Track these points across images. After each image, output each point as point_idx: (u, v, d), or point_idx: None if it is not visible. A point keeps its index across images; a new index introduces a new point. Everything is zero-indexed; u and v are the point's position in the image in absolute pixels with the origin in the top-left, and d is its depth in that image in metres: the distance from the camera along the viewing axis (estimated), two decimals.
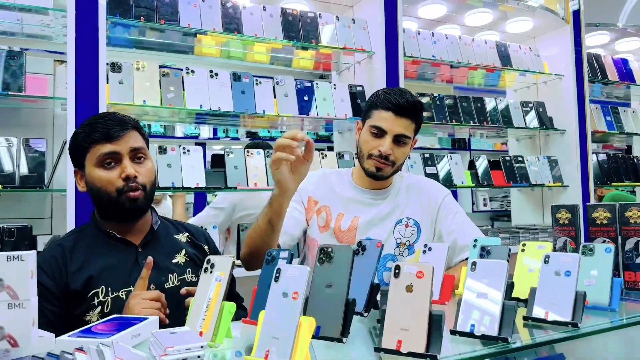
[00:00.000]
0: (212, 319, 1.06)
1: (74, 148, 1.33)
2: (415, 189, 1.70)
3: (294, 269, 0.96)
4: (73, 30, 1.81)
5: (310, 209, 1.68)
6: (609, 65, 3.44)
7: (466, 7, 2.90)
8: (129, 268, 1.31)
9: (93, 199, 1.32)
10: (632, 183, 3.44)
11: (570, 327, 1.11)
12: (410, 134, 1.58)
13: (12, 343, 0.94)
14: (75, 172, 1.34)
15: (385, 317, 0.98)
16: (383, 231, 1.64)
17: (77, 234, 1.36)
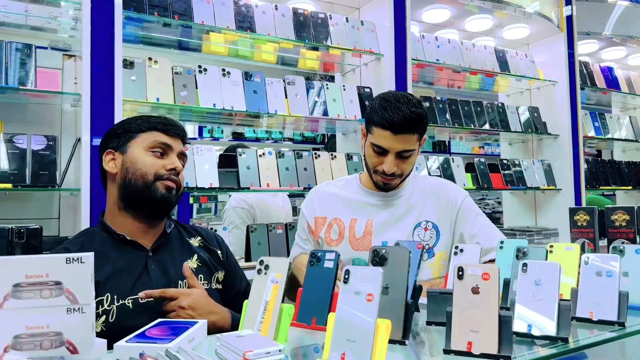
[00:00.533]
0: (272, 321, 1.04)
1: (119, 132, 1.30)
2: (432, 192, 1.67)
3: (365, 270, 0.95)
4: (89, 23, 1.75)
5: (319, 228, 1.65)
6: (597, 73, 3.56)
7: (467, 13, 2.95)
8: (137, 273, 1.24)
9: (121, 182, 1.26)
10: (616, 187, 3.57)
11: (617, 326, 1.13)
12: (412, 146, 1.52)
13: (71, 350, 0.90)
14: (107, 152, 1.30)
15: (452, 319, 0.98)
16: (401, 234, 1.62)
17: (84, 237, 1.29)
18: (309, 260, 1.23)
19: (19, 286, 0.88)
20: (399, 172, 1.54)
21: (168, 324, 1.07)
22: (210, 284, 1.34)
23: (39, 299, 0.89)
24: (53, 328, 0.89)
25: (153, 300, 1.19)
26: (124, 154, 1.27)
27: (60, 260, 0.90)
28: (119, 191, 1.27)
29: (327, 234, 1.64)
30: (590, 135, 3.42)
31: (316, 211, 1.66)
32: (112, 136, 1.31)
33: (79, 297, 0.91)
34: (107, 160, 1.29)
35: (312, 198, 1.69)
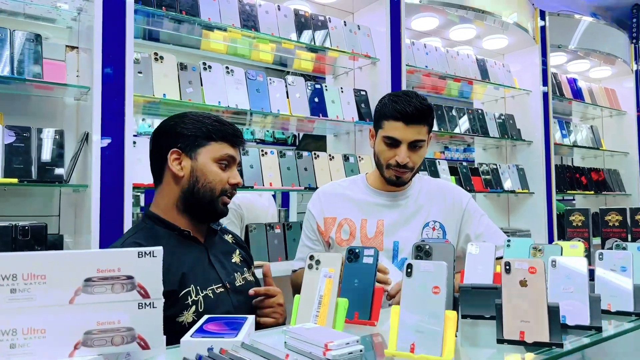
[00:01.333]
0: (328, 315, 1.06)
1: (188, 133, 1.27)
2: (438, 193, 1.72)
3: (428, 264, 0.99)
4: (100, 16, 1.70)
5: (329, 228, 1.68)
6: (564, 84, 3.78)
7: (451, 23, 3.07)
8: (206, 267, 1.29)
9: (187, 188, 1.26)
10: (580, 192, 3.80)
11: (634, 316, 1.23)
12: (424, 137, 1.58)
13: (142, 345, 0.89)
14: (173, 151, 1.26)
15: (503, 310, 1.04)
16: (411, 233, 1.66)
17: (145, 233, 1.28)
18: (347, 256, 1.26)
19: (91, 281, 0.86)
20: (410, 164, 1.58)
21: (219, 320, 1.07)
22: (251, 276, 1.41)
23: (111, 294, 0.87)
24: (124, 323, 0.88)
25: (224, 291, 1.27)
26: (192, 159, 1.26)
27: (132, 254, 0.89)
28: (180, 194, 1.28)
29: (337, 234, 1.66)
30: (559, 142, 3.63)
31: (325, 212, 1.68)
32: (178, 135, 1.27)
33: (151, 291, 0.90)
34: (172, 159, 1.26)
35: (319, 199, 1.71)
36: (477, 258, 1.49)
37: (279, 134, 5.78)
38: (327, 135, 2.88)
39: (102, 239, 1.64)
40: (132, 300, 0.89)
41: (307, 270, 1.11)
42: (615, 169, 4.23)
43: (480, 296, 1.24)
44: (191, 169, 1.26)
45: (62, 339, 0.84)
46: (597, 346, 1.09)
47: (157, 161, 1.30)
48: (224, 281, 1.29)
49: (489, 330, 1.10)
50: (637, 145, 4.18)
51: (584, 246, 1.54)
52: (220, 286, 1.28)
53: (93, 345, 0.86)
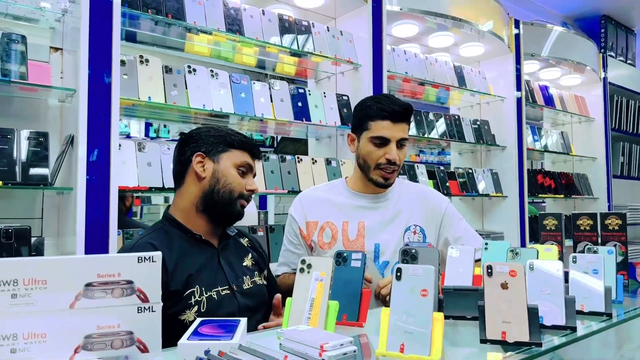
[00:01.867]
0: (319, 317, 1.10)
1: (213, 140, 1.40)
2: (418, 197, 1.77)
3: (416, 268, 1.04)
4: (87, 18, 1.70)
5: (311, 232, 1.71)
6: (536, 91, 3.91)
7: (430, 30, 3.14)
8: (215, 269, 1.37)
9: (208, 189, 1.37)
10: (551, 195, 3.93)
11: (605, 316, 1.30)
12: (407, 134, 1.66)
13: (142, 349, 0.92)
14: (198, 154, 1.39)
15: (485, 311, 1.09)
16: (392, 236, 1.70)
17: (159, 234, 1.36)
18: (335, 260, 1.30)
19: (91, 285, 0.88)
20: (398, 162, 1.64)
21: (213, 322, 1.09)
22: (262, 280, 1.48)
23: (111, 298, 0.89)
24: (124, 327, 0.90)
25: (230, 293, 1.35)
26: (215, 162, 1.38)
27: (132, 259, 0.91)
28: (201, 194, 1.37)
29: (319, 237, 1.69)
30: (531, 147, 3.75)
31: (307, 216, 1.71)
32: (204, 141, 1.39)
33: (150, 295, 0.92)
34: (197, 162, 1.38)
35: (300, 203, 1.74)
36: (457, 261, 1.55)
37: (258, 135, 5.78)
38: (308, 139, 2.91)
39: (88, 242, 1.64)
40: (131, 305, 0.91)
41: (298, 273, 1.15)
42: (583, 173, 4.39)
43: (462, 298, 1.29)
44: (213, 171, 1.37)
45: (62, 343, 0.86)
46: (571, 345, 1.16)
47: (181, 164, 1.41)
48: (230, 283, 1.37)
49: (471, 331, 1.16)
50: (604, 150, 4.34)
51: (557, 249, 1.62)
52: (226, 288, 1.36)
53: (93, 349, 0.88)
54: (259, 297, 1.42)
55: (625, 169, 4.61)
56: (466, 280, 1.45)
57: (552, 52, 3.90)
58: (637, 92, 4.81)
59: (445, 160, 6.31)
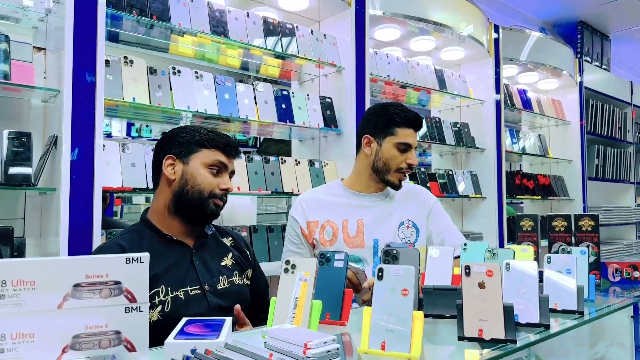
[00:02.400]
0: (303, 317, 1.13)
1: (183, 141, 1.38)
2: (411, 194, 1.89)
3: (398, 268, 1.07)
4: (72, 18, 1.69)
5: (312, 230, 1.80)
6: (515, 94, 3.99)
7: (412, 34, 3.19)
8: (185, 269, 1.36)
9: (177, 190, 1.36)
10: (529, 197, 4.02)
11: (577, 314, 1.36)
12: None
13: (129, 348, 0.93)
14: (168, 157, 1.38)
15: (463, 310, 1.13)
16: (388, 231, 1.81)
17: (131, 234, 1.36)
18: (318, 260, 1.33)
19: (79, 286, 0.89)
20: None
21: (199, 322, 1.11)
22: (242, 280, 1.47)
23: (99, 299, 0.91)
24: (112, 327, 0.91)
25: (200, 292, 1.34)
26: (185, 164, 1.37)
27: (120, 260, 0.92)
28: (172, 196, 1.37)
29: (321, 235, 1.78)
30: (509, 150, 3.83)
31: (308, 216, 1.80)
32: (175, 142, 1.39)
33: (137, 296, 0.94)
34: (167, 164, 1.38)
35: (301, 205, 1.83)
36: (436, 260, 1.60)
37: (240, 136, 5.78)
38: (292, 140, 2.93)
39: (71, 243, 1.64)
40: (119, 305, 0.92)
41: (283, 274, 1.17)
42: (560, 175, 4.50)
43: (441, 297, 1.34)
44: (182, 173, 1.36)
45: (50, 343, 0.87)
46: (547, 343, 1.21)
47: (156, 167, 1.41)
48: (202, 283, 1.36)
49: (450, 329, 1.20)
50: (580, 153, 4.46)
51: (533, 249, 1.68)
52: (196, 288, 1.35)
53: (81, 349, 0.89)
54: (235, 297, 1.41)
55: (600, 171, 4.74)
56: (445, 279, 1.50)
57: (530, 57, 3.99)
58: (612, 96, 4.95)
59: (427, 161, 6.39)
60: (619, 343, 2.01)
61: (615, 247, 4.37)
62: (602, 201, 4.90)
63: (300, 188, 2.42)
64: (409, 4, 2.93)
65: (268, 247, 2.36)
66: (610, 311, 1.48)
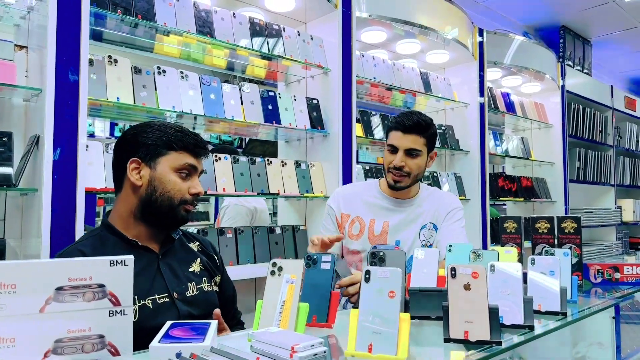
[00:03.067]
0: (290, 319, 1.12)
1: (149, 142, 1.28)
2: (435, 198, 1.94)
3: (385, 270, 1.08)
4: (55, 16, 1.67)
5: (344, 222, 1.90)
6: (498, 97, 4.04)
7: (398, 37, 3.21)
8: (152, 276, 1.29)
9: (145, 197, 1.27)
10: (512, 199, 4.07)
11: (561, 315, 1.38)
12: (419, 147, 1.81)
13: (112, 352, 0.92)
14: (132, 160, 1.27)
15: (449, 312, 1.14)
16: (410, 234, 1.87)
17: (93, 240, 1.28)
18: (305, 262, 1.33)
19: (62, 289, 0.88)
20: (406, 170, 1.81)
21: (184, 325, 1.10)
22: (211, 286, 1.40)
23: (82, 302, 0.89)
24: (95, 331, 0.90)
25: (169, 300, 1.27)
26: (152, 169, 1.27)
27: (104, 262, 0.91)
28: (138, 202, 1.28)
29: (350, 229, 1.89)
30: (493, 152, 3.87)
31: (342, 208, 1.92)
32: (139, 144, 1.28)
33: (121, 299, 0.92)
34: (132, 169, 1.27)
35: (338, 197, 1.95)
36: (422, 262, 1.60)
37: (225, 136, 5.75)
38: (278, 141, 2.92)
39: (53, 244, 1.61)
40: (103, 308, 0.91)
41: (269, 276, 1.17)
42: (542, 177, 4.56)
43: (427, 298, 1.34)
44: (150, 178, 1.27)
45: (31, 348, 0.85)
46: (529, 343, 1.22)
47: (118, 169, 1.31)
48: (171, 291, 1.29)
49: (435, 330, 1.21)
50: (562, 156, 4.53)
51: (517, 251, 1.69)
52: (165, 296, 1.28)
53: (63, 353, 0.88)
54: (205, 305, 1.34)
55: (581, 174, 4.82)
56: (431, 281, 1.50)
57: (513, 61, 4.04)
58: (593, 100, 5.04)
59: None
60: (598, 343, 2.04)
61: (595, 249, 4.45)
62: (583, 203, 4.98)
63: (286, 189, 2.41)
64: (394, 7, 2.95)
65: (254, 248, 2.35)
66: (593, 312, 1.50)
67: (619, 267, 1.91)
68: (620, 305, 1.67)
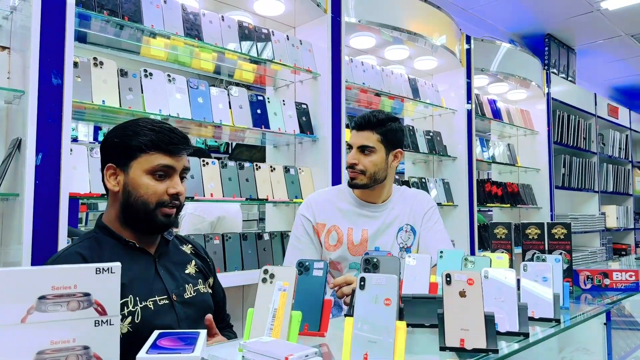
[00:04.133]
0: (282, 328, 1.09)
1: (120, 145, 1.23)
2: (409, 198, 1.92)
3: (380, 277, 1.05)
4: (38, 17, 1.62)
5: (319, 232, 1.84)
6: (485, 104, 4.06)
7: (386, 43, 3.21)
8: (151, 278, 1.28)
9: (122, 203, 1.24)
10: (498, 204, 4.09)
11: (554, 322, 1.37)
12: (372, 143, 1.77)
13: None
14: (108, 167, 1.25)
15: (444, 319, 1.12)
16: (389, 239, 1.85)
17: (90, 242, 1.25)
18: (297, 269, 1.30)
19: (45, 298, 0.84)
20: (360, 167, 1.77)
21: (172, 335, 1.06)
22: (206, 288, 1.40)
23: (66, 312, 0.85)
24: (80, 342, 0.86)
25: (169, 302, 1.26)
26: (125, 173, 1.24)
27: (90, 270, 0.87)
28: (120, 207, 1.26)
29: (326, 239, 1.82)
30: (480, 158, 3.89)
31: (316, 217, 1.84)
32: (112, 148, 1.25)
33: (108, 308, 0.88)
34: (108, 175, 1.25)
35: (310, 206, 1.86)
36: (414, 269, 1.59)
37: (212, 141, 5.70)
38: (267, 146, 2.89)
39: (35, 251, 1.56)
40: (88, 318, 0.87)
41: (260, 284, 1.13)
42: (528, 183, 4.59)
43: (421, 305, 1.32)
44: (124, 184, 1.23)
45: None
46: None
47: (102, 174, 1.29)
48: (170, 293, 1.27)
49: (430, 338, 1.19)
50: (547, 162, 4.57)
51: (508, 257, 1.69)
52: (164, 298, 1.26)
53: None
54: (202, 307, 1.33)
55: (566, 180, 4.87)
56: (423, 287, 1.49)
57: (500, 68, 4.07)
58: (577, 107, 5.10)
59: (400, 169, 6.44)
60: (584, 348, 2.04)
61: (581, 255, 4.49)
62: (568, 209, 5.03)
63: (275, 194, 2.38)
64: (383, 12, 2.95)
65: (241, 255, 2.31)
66: (586, 319, 1.50)
67: (609, 273, 1.92)
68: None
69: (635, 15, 5.03)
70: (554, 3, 4.78)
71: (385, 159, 1.81)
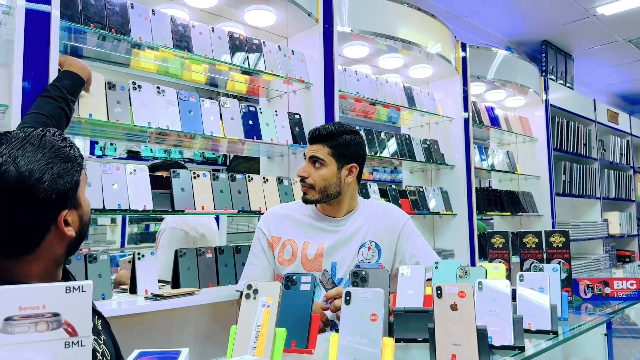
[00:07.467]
0: (266, 346, 1.05)
1: (70, 180, 0.97)
2: (377, 214, 1.84)
3: (366, 292, 1.01)
4: (22, 30, 1.60)
5: (274, 246, 1.79)
6: (483, 111, 4.03)
7: (380, 52, 3.19)
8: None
9: (70, 242, 1.01)
10: (498, 213, 4.04)
11: (552, 334, 1.32)
12: (322, 156, 1.73)
13: None
14: (63, 216, 0.97)
15: (435, 334, 1.08)
16: (348, 253, 1.76)
17: None
18: (284, 283, 1.26)
19: (11, 320, 0.80)
20: (309, 181, 1.73)
21: (152, 355, 1.02)
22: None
23: (34, 333, 0.81)
24: None
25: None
26: (78, 208, 1.02)
27: (60, 289, 0.83)
28: (65, 249, 1.03)
29: (280, 253, 1.77)
30: (478, 166, 3.85)
31: (272, 231, 1.79)
32: (60, 189, 0.96)
33: (79, 329, 0.84)
34: (63, 228, 0.99)
35: (268, 219, 1.83)
36: (408, 280, 1.54)
37: (209, 153, 5.68)
38: (260, 157, 2.86)
39: None
40: (58, 339, 0.83)
41: (244, 299, 1.10)
42: (528, 191, 4.55)
43: (413, 320, 1.28)
44: (80, 222, 1.02)
45: None
46: None
47: (30, 230, 0.97)
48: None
49: (422, 353, 1.14)
50: (547, 169, 4.52)
51: (505, 267, 1.64)
52: None
53: None
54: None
55: (567, 187, 4.82)
56: (417, 300, 1.44)
57: (497, 75, 4.05)
58: (576, 113, 5.07)
59: (398, 178, 6.40)
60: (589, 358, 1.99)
61: (583, 262, 4.43)
62: (569, 216, 4.98)
63: (268, 206, 2.34)
64: (377, 21, 2.93)
65: (235, 268, 2.27)
66: (584, 330, 1.45)
67: (609, 282, 1.87)
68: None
69: (631, 21, 5.02)
70: (550, 9, 4.77)
71: (337, 173, 1.74)
